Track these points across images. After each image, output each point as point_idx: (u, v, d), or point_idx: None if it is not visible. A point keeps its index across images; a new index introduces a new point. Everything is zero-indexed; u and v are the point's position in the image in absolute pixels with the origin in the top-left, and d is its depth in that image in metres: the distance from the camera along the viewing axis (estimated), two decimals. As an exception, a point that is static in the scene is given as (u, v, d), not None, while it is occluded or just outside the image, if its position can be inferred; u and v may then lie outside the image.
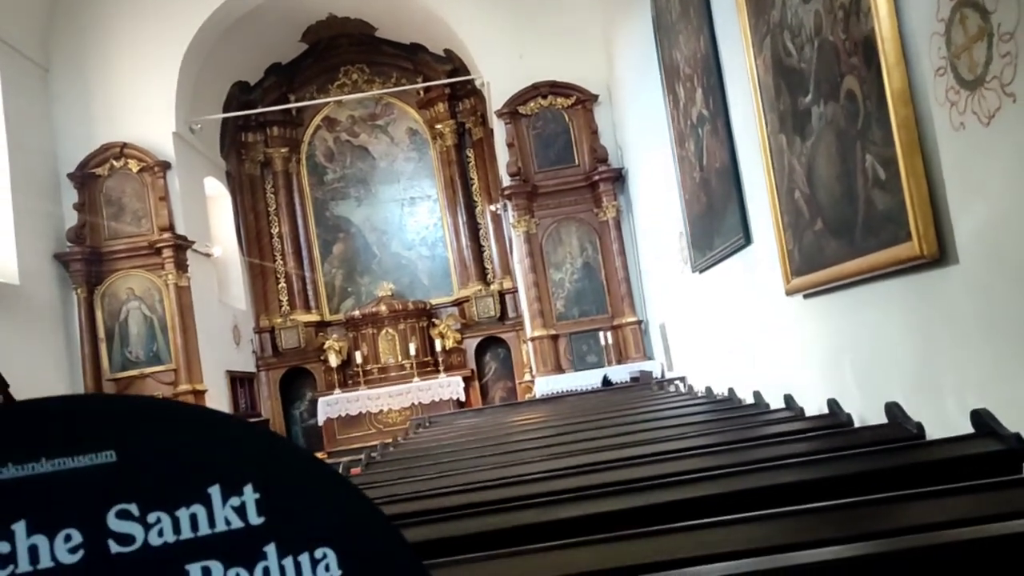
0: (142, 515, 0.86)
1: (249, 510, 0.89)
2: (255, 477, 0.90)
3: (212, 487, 0.89)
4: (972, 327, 2.55)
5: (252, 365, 12.11)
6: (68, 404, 0.88)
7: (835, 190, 3.34)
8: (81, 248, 9.63)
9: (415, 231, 13.18)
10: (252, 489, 0.90)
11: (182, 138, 10.35)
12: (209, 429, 0.92)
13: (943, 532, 1.56)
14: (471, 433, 5.14)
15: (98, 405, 0.90)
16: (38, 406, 0.87)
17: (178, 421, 0.91)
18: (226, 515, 0.89)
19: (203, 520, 0.88)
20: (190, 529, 0.87)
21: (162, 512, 0.87)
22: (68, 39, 10.04)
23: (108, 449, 0.86)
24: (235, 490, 0.89)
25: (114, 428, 0.87)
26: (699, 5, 5.16)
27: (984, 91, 2.29)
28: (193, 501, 0.88)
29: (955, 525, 1.70)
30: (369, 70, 13.15)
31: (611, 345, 9.21)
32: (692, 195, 6.09)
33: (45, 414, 0.86)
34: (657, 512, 2.17)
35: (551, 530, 1.96)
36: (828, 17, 3.19)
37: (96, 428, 0.87)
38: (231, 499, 0.89)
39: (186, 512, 0.88)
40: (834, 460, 2.37)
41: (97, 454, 0.86)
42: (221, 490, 0.89)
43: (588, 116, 9.81)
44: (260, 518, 0.89)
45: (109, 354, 9.73)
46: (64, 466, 0.84)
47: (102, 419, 0.88)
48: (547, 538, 1.71)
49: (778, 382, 4.31)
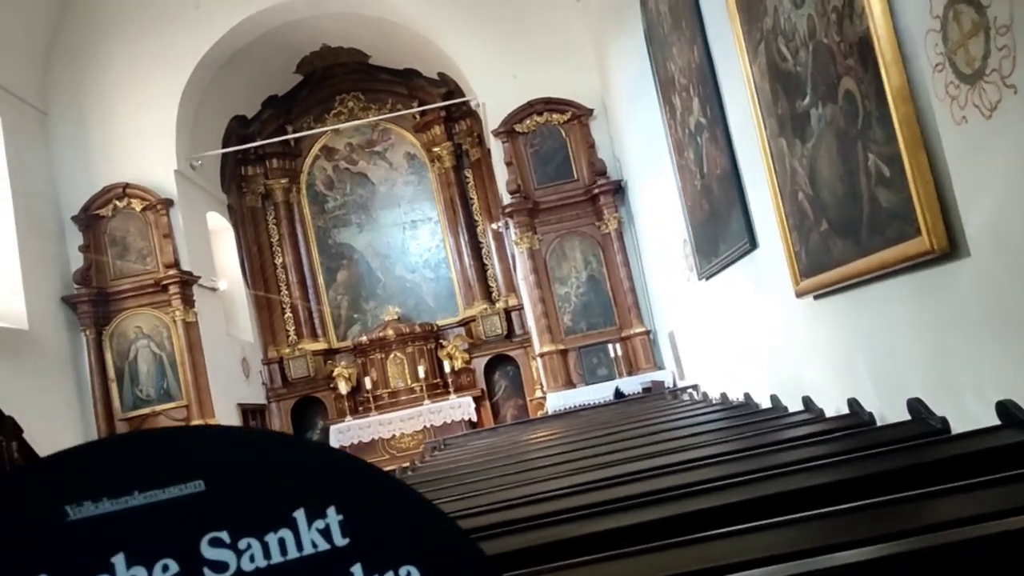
0: (233, 542, 0.89)
1: (334, 532, 0.92)
2: (337, 499, 0.92)
3: (297, 511, 0.91)
4: (987, 318, 2.56)
5: (262, 397, 12.11)
6: (155, 437, 0.91)
7: (839, 190, 3.36)
8: (88, 289, 9.67)
9: (418, 254, 13.22)
10: (335, 511, 0.92)
11: (183, 175, 10.41)
12: (290, 454, 0.94)
13: (977, 526, 1.56)
14: (488, 453, 5.13)
15: (184, 436, 0.93)
16: (127, 440, 0.90)
17: (260, 448, 0.93)
18: (312, 538, 0.91)
19: (291, 544, 0.90)
20: (279, 553, 0.90)
21: (252, 538, 0.89)
22: (66, 83, 10.14)
23: (197, 479, 0.89)
24: (319, 513, 0.92)
25: (201, 458, 0.90)
26: (691, 16, 5.20)
27: (984, 84, 2.31)
28: (280, 526, 0.90)
29: (988, 518, 1.70)
30: (364, 97, 13.24)
31: (621, 357, 9.19)
32: (694, 203, 6.11)
33: (134, 448, 0.89)
34: (685, 522, 2.16)
35: (582, 545, 1.96)
36: (821, 20, 3.22)
37: (184, 459, 0.89)
38: (316, 522, 0.91)
39: (274, 537, 0.90)
40: (860, 460, 2.37)
41: (186, 484, 0.88)
42: (306, 513, 0.91)
43: (584, 131, 9.85)
44: (345, 539, 0.92)
45: (120, 394, 9.74)
46: (156, 498, 0.87)
47: (189, 450, 0.91)
48: (578, 553, 1.72)
49: (794, 384, 4.31)
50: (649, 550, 1.68)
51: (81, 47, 10.18)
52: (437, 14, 10.26)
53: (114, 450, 0.89)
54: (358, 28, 11.43)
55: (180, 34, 10.20)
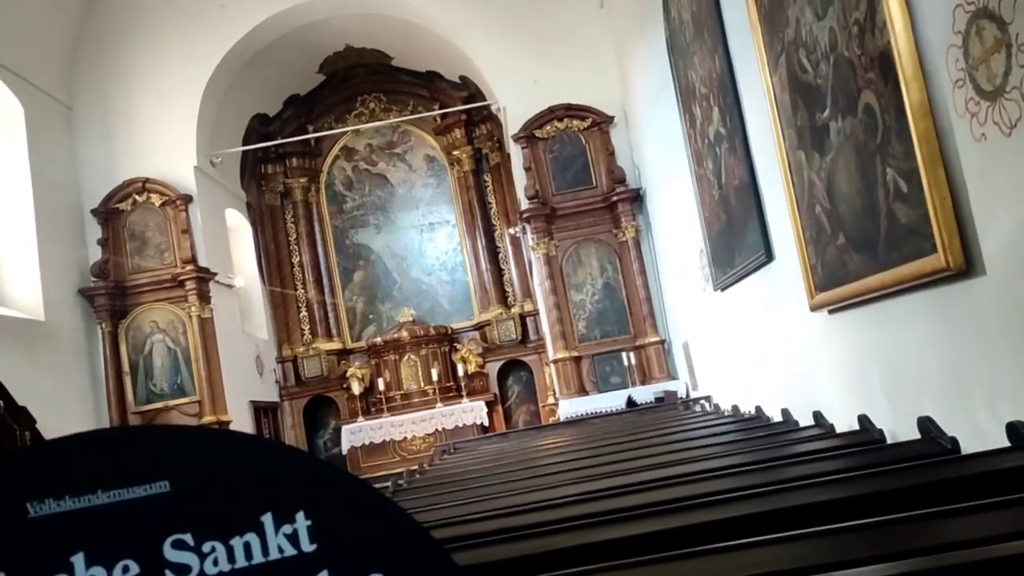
0: (197, 544, 0.87)
1: (301, 537, 0.90)
2: (306, 504, 0.91)
3: (264, 515, 0.89)
4: (1002, 338, 2.53)
5: (275, 395, 12.17)
6: (121, 435, 0.90)
7: (856, 204, 3.34)
8: (105, 283, 9.76)
9: (435, 256, 13.25)
10: (304, 516, 0.90)
11: (203, 171, 10.50)
12: (260, 457, 0.92)
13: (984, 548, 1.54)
14: (498, 458, 5.13)
15: (151, 435, 0.91)
16: (92, 438, 0.88)
17: (229, 450, 0.92)
18: (279, 543, 0.89)
19: (257, 548, 0.88)
20: (244, 557, 0.88)
21: (216, 541, 0.87)
22: (91, 78, 10.25)
23: (162, 479, 0.87)
24: (287, 518, 0.90)
25: (167, 458, 0.88)
26: (713, 25, 5.19)
27: (1004, 101, 2.29)
28: (246, 529, 0.89)
29: (996, 541, 1.68)
30: (386, 99, 13.31)
31: (634, 365, 9.17)
32: (712, 213, 6.09)
33: (99, 446, 0.87)
34: (694, 533, 2.15)
35: (589, 553, 1.96)
36: (843, 33, 3.20)
37: (150, 458, 0.87)
38: (283, 527, 0.90)
39: (240, 541, 0.88)
40: (869, 477, 2.36)
41: (151, 484, 0.87)
42: (273, 518, 0.90)
43: (604, 138, 9.85)
44: (312, 545, 0.90)
45: (134, 387, 9.82)
46: (120, 497, 0.85)
47: (155, 449, 0.89)
48: (586, 561, 1.71)
49: (806, 399, 4.28)
50: (655, 561, 1.67)
51: (107, 43, 10.30)
52: (460, 17, 10.30)
53: (79, 447, 0.87)
54: (381, 29, 11.49)
55: (204, 32, 10.30)
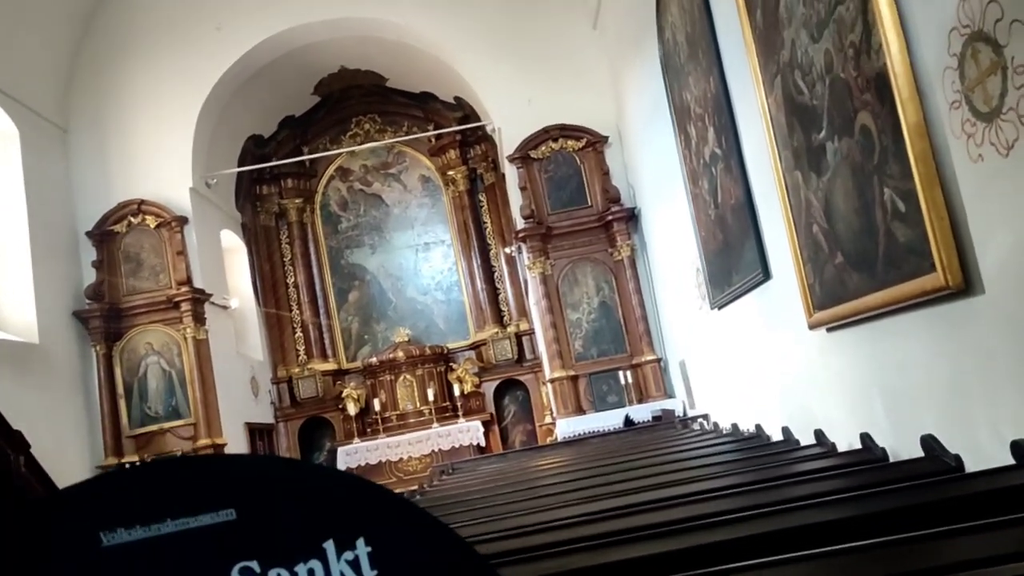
0: (263, 571, 0.89)
1: (363, 563, 0.92)
2: (366, 531, 0.92)
3: (327, 542, 0.91)
4: (1002, 356, 2.54)
5: (270, 416, 12.10)
6: (188, 465, 0.92)
7: (854, 224, 3.36)
8: (100, 305, 9.72)
9: (430, 276, 13.25)
10: (364, 543, 0.92)
11: (198, 192, 10.50)
12: (320, 484, 0.94)
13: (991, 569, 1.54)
14: (498, 479, 5.10)
15: (217, 464, 0.94)
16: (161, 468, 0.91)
17: (292, 478, 0.94)
18: (341, 569, 0.91)
19: (320, 575, 0.90)
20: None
21: (282, 568, 0.89)
22: (86, 100, 10.27)
23: (229, 507, 0.89)
24: (348, 544, 0.92)
25: (233, 487, 0.90)
26: (707, 46, 5.24)
27: (1001, 122, 2.32)
28: (310, 556, 0.90)
29: (1003, 560, 1.68)
30: (381, 120, 13.36)
31: (631, 384, 9.16)
32: (708, 232, 6.11)
33: (167, 475, 0.90)
34: (693, 556, 2.15)
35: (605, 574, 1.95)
36: (839, 55, 3.24)
37: (216, 487, 0.90)
38: (345, 553, 0.91)
39: (304, 567, 0.90)
40: (873, 496, 2.35)
41: (218, 512, 0.89)
42: (335, 545, 0.91)
43: (599, 157, 9.89)
44: (373, 571, 0.91)
45: (128, 410, 9.75)
46: (188, 526, 0.87)
47: (222, 478, 0.91)
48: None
49: (806, 417, 4.28)
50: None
51: (102, 66, 10.32)
52: (454, 39, 10.37)
53: (148, 477, 0.90)
54: (376, 51, 11.56)
55: (200, 54, 10.33)
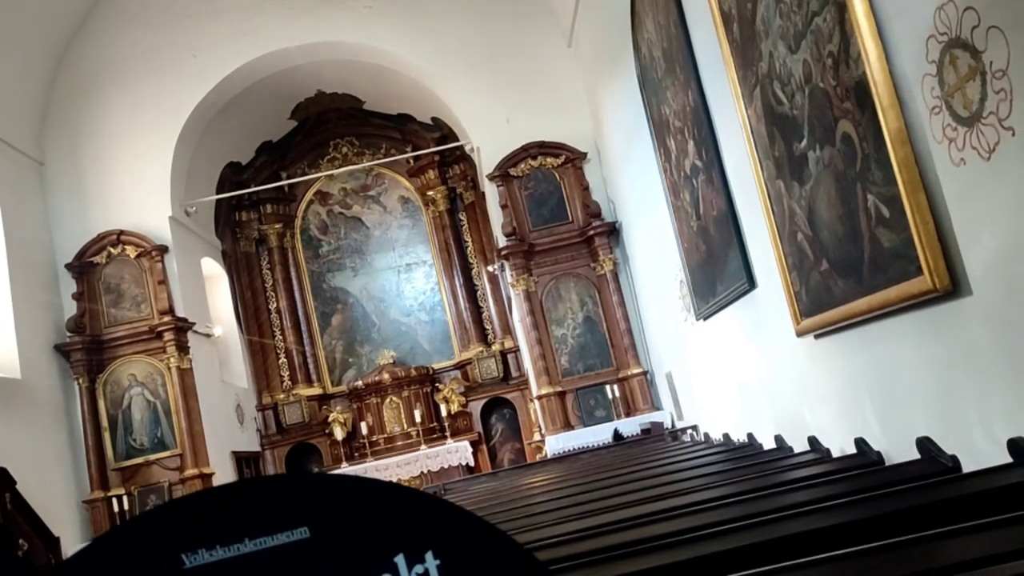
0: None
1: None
2: (434, 544, 0.95)
3: (397, 556, 0.94)
4: (993, 356, 2.57)
5: (256, 444, 11.98)
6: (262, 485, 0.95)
7: (838, 230, 3.40)
8: (81, 337, 9.60)
9: (413, 297, 13.22)
10: (432, 556, 0.94)
11: (178, 221, 10.42)
12: (388, 500, 0.97)
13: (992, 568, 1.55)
14: (490, 498, 5.08)
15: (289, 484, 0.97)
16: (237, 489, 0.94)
17: (360, 494, 0.96)
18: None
19: None
20: None
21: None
22: (62, 132, 10.20)
23: (302, 526, 0.92)
24: (418, 558, 0.94)
25: (305, 505, 0.93)
26: (685, 61, 5.30)
27: (982, 127, 2.36)
28: (383, 570, 0.93)
29: (1004, 559, 1.69)
30: (359, 142, 13.36)
31: (619, 398, 9.16)
32: (690, 244, 6.15)
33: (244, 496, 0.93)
34: (693, 568, 2.14)
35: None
36: (817, 65, 3.28)
37: (289, 506, 0.93)
38: (415, 567, 0.94)
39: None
40: (870, 500, 2.36)
41: (293, 531, 0.92)
42: (406, 559, 0.94)
43: (578, 173, 9.94)
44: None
45: (113, 443, 9.62)
46: (264, 545, 0.91)
47: (294, 498, 0.94)
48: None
49: (798, 424, 4.30)
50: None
51: (78, 97, 10.26)
52: (430, 60, 10.40)
53: (225, 498, 0.93)
54: (352, 74, 11.57)
55: (176, 82, 10.29)
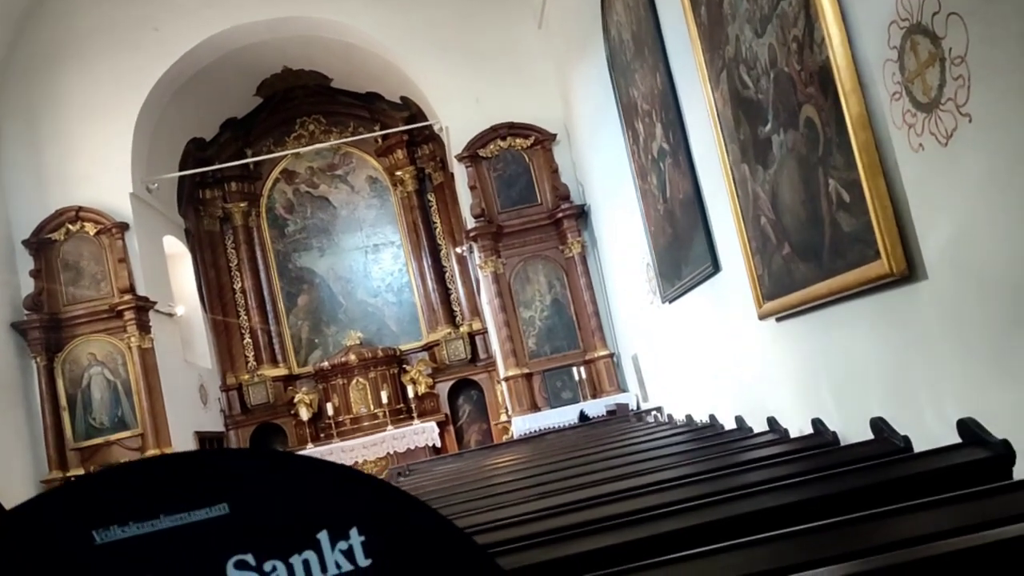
0: (259, 564, 0.90)
1: (357, 553, 0.93)
2: (359, 521, 0.93)
3: (320, 533, 0.92)
4: (946, 339, 2.62)
5: (220, 424, 11.87)
6: (180, 460, 0.92)
7: (800, 215, 3.43)
8: (39, 315, 9.41)
9: (380, 278, 13.14)
10: (357, 532, 0.93)
11: (139, 198, 10.23)
12: (313, 476, 0.95)
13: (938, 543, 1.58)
14: (454, 478, 5.08)
15: (208, 459, 0.95)
16: (153, 464, 0.91)
17: (284, 471, 0.95)
18: (336, 559, 0.92)
19: (315, 566, 0.92)
20: (304, 575, 0.91)
21: (277, 560, 0.91)
22: (19, 106, 9.93)
23: (222, 502, 0.90)
24: (342, 534, 0.93)
25: (226, 481, 0.91)
26: (653, 44, 5.29)
27: (940, 113, 2.38)
28: (304, 548, 0.92)
29: (951, 535, 1.72)
30: (326, 120, 13.19)
31: (585, 380, 9.21)
32: (657, 227, 6.18)
33: (160, 471, 0.90)
34: (657, 543, 2.16)
35: (558, 568, 1.95)
36: (782, 49, 3.30)
37: (209, 482, 0.90)
38: (339, 543, 0.92)
39: (299, 559, 0.91)
40: (824, 479, 2.40)
41: (212, 507, 0.89)
42: (329, 535, 0.92)
43: (547, 155, 9.93)
44: (367, 560, 0.93)
45: (72, 423, 9.47)
46: (182, 521, 0.88)
47: (214, 472, 0.92)
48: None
49: (759, 405, 4.36)
50: (620, 573, 1.67)
51: (35, 69, 9.99)
52: (399, 38, 10.28)
53: (140, 474, 0.90)
54: (320, 51, 11.41)
55: (137, 56, 10.06)
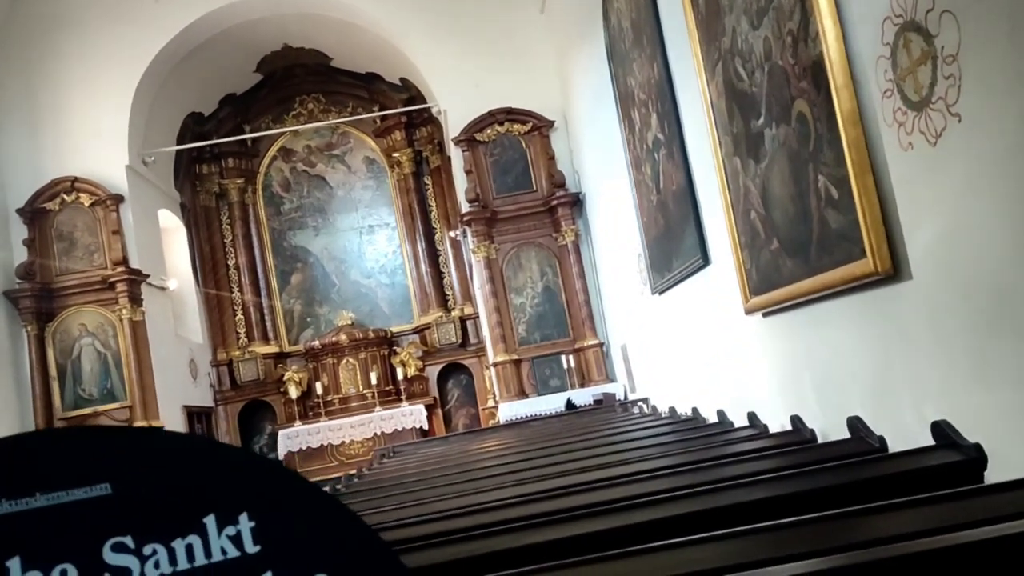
0: (137, 547, 0.86)
1: (245, 539, 0.89)
2: (250, 505, 0.90)
3: (207, 517, 0.89)
4: (926, 340, 2.62)
5: (210, 399, 11.88)
6: (61, 436, 0.88)
7: (789, 210, 3.42)
8: (31, 285, 9.40)
9: (374, 259, 13.13)
10: (247, 518, 0.90)
11: (135, 171, 10.19)
12: (203, 458, 0.91)
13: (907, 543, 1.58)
14: (437, 461, 5.10)
15: (92, 437, 0.90)
16: (30, 440, 0.86)
17: (172, 451, 0.90)
18: (222, 544, 0.88)
19: (199, 551, 0.88)
20: (186, 560, 0.87)
21: (158, 544, 0.86)
22: (16, 74, 9.86)
23: (103, 482, 0.86)
24: (230, 519, 0.89)
25: (108, 460, 0.87)
26: (652, 33, 5.27)
27: (930, 112, 2.37)
28: (188, 532, 0.88)
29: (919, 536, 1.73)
30: (325, 100, 13.14)
31: (573, 368, 9.23)
32: (650, 218, 6.17)
33: (38, 448, 0.86)
34: (630, 533, 2.17)
35: (527, 555, 1.95)
36: (777, 43, 3.28)
37: (90, 460, 0.86)
38: (226, 528, 0.89)
39: (182, 543, 0.87)
40: (800, 476, 2.40)
41: (92, 487, 0.85)
42: (216, 519, 0.89)
43: (545, 142, 9.90)
44: (256, 546, 0.89)
45: (61, 392, 9.47)
46: (59, 500, 0.84)
47: (96, 451, 0.87)
48: (523, 563, 1.71)
49: (741, 400, 4.37)
50: (594, 560, 1.68)
51: (34, 38, 9.91)
52: (401, 20, 10.23)
53: (15, 450, 0.85)
54: (321, 29, 11.35)
55: (137, 27, 10.00)
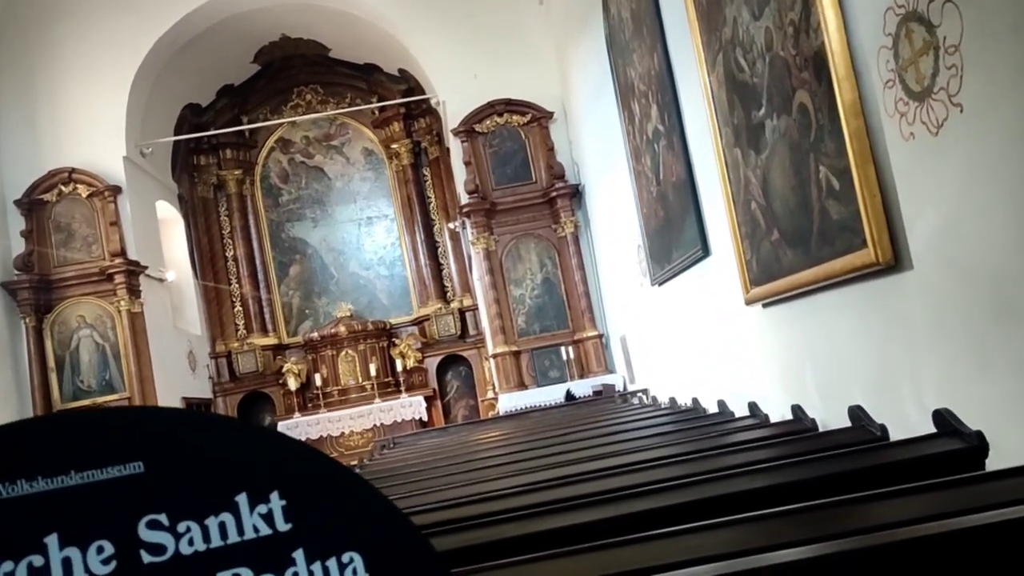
0: (172, 525, 0.87)
1: (276, 517, 0.91)
2: (281, 484, 0.91)
3: (239, 495, 0.90)
4: (927, 330, 2.63)
5: (208, 391, 11.89)
6: (96, 416, 0.89)
7: (790, 201, 3.43)
8: (29, 276, 9.38)
9: (373, 251, 13.11)
10: (278, 496, 0.91)
11: (132, 162, 10.16)
12: (235, 438, 0.93)
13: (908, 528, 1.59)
14: (437, 452, 5.11)
15: (126, 417, 0.91)
16: (67, 419, 0.87)
17: (204, 431, 0.92)
18: (254, 523, 0.90)
19: (232, 528, 0.89)
20: (219, 537, 0.89)
21: (191, 521, 0.88)
22: (14, 64, 9.82)
23: (136, 460, 0.87)
24: (262, 498, 0.91)
25: (142, 439, 0.88)
26: (652, 23, 5.26)
27: (932, 102, 2.38)
28: (221, 510, 0.89)
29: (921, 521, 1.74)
30: (323, 90, 13.09)
31: (573, 360, 9.24)
32: (650, 209, 6.17)
33: (74, 427, 0.87)
34: (633, 521, 2.18)
35: (531, 542, 1.96)
36: (779, 33, 3.28)
37: (124, 439, 0.87)
38: (258, 507, 0.90)
39: (215, 521, 0.89)
40: (801, 464, 2.42)
41: (125, 465, 0.87)
42: (248, 498, 0.90)
43: (544, 133, 9.89)
44: (287, 525, 0.91)
45: (60, 384, 9.47)
46: (93, 478, 0.85)
47: (130, 430, 0.89)
48: (528, 550, 1.72)
49: (742, 390, 4.38)
50: (596, 548, 1.69)
51: (31, 28, 9.87)
52: (400, 10, 10.19)
53: (51, 429, 0.87)
54: (319, 20, 11.30)
55: (135, 17, 9.95)
